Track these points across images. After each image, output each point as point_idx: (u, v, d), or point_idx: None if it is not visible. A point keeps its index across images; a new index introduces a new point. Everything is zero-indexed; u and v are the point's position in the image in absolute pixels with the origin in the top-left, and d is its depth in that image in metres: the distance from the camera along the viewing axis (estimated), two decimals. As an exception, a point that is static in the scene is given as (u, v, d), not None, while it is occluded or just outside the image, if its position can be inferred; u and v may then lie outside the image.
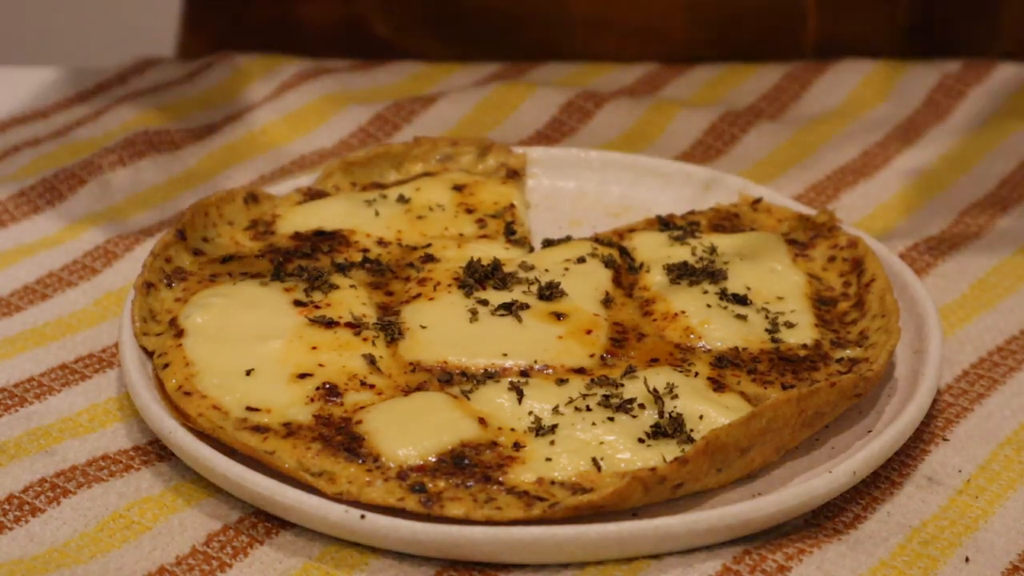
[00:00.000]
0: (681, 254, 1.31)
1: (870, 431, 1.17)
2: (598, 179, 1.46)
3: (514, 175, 1.43)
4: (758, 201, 1.39)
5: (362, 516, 1.07)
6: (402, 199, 1.37)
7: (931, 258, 1.41)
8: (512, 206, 1.38)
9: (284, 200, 1.37)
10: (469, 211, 1.37)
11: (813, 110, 1.67)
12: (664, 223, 1.37)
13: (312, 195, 1.39)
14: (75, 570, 1.06)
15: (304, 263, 1.28)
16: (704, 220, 1.37)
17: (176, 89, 1.66)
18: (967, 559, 1.10)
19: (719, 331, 1.23)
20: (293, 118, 1.61)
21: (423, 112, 1.62)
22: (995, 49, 1.75)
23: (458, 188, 1.39)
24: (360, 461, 1.10)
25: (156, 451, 1.17)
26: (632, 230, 1.37)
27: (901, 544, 1.10)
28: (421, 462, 1.10)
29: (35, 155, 1.53)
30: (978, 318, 1.33)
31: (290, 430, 1.12)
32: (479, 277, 1.26)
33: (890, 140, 1.61)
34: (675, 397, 1.15)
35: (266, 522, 1.11)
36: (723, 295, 1.26)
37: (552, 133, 1.60)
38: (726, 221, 1.37)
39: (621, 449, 1.11)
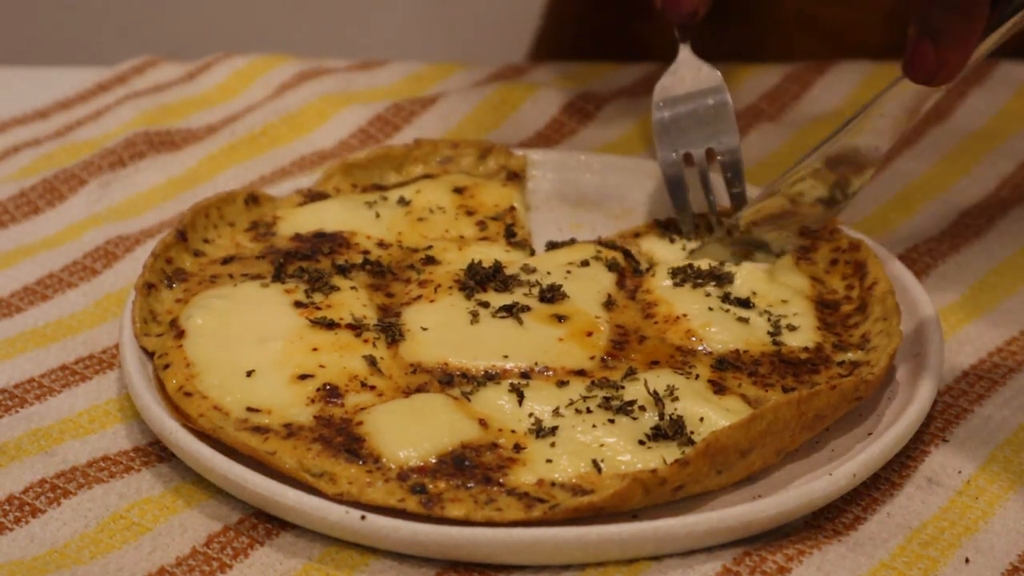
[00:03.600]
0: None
1: (870, 433, 1.17)
2: (599, 181, 1.46)
3: (515, 177, 1.43)
4: None
5: (362, 517, 1.07)
6: (403, 201, 1.37)
7: (931, 259, 1.41)
8: (512, 208, 1.38)
9: (285, 201, 1.38)
10: (469, 213, 1.37)
11: (813, 110, 1.67)
12: (664, 226, 1.37)
13: (312, 196, 1.39)
14: (75, 571, 1.06)
15: (305, 264, 1.28)
16: (704, 223, 1.37)
17: (176, 89, 1.66)
18: (967, 560, 1.10)
19: (720, 334, 1.23)
20: (293, 118, 1.61)
21: (423, 113, 1.62)
22: None
23: (458, 190, 1.39)
24: (361, 462, 1.10)
25: (156, 452, 1.17)
26: (637, 234, 1.37)
27: (901, 545, 1.10)
28: (422, 463, 1.10)
29: (35, 155, 1.53)
30: (978, 319, 1.33)
31: (291, 431, 1.12)
32: (480, 279, 1.26)
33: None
34: (675, 399, 1.15)
35: (266, 523, 1.11)
36: (726, 298, 1.26)
37: (552, 134, 1.60)
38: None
39: (621, 451, 1.11)
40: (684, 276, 1.28)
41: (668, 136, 1.36)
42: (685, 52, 1.37)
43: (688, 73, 1.37)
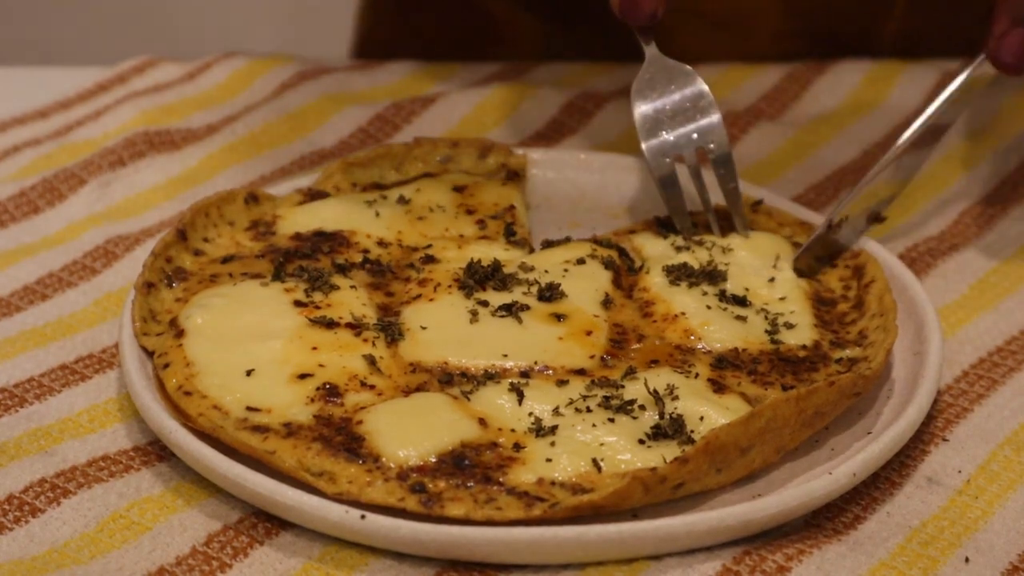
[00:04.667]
0: (688, 256, 1.31)
1: (870, 432, 1.17)
2: (598, 180, 1.46)
3: (514, 176, 1.43)
4: (759, 203, 1.39)
5: (362, 516, 1.07)
6: (402, 200, 1.37)
7: (931, 258, 1.41)
8: (512, 207, 1.38)
9: (284, 200, 1.37)
10: (469, 212, 1.37)
11: (813, 110, 1.67)
12: (662, 224, 1.37)
13: (312, 195, 1.38)
14: (75, 570, 1.06)
15: (304, 263, 1.28)
16: (715, 216, 1.37)
17: (176, 89, 1.66)
18: (967, 559, 1.10)
19: (719, 332, 1.23)
20: (293, 118, 1.61)
21: (423, 112, 1.62)
22: None
23: (458, 189, 1.39)
24: (360, 461, 1.10)
25: (156, 451, 1.17)
26: (632, 231, 1.37)
27: (901, 544, 1.10)
28: (421, 463, 1.10)
29: (35, 155, 1.53)
30: (978, 318, 1.33)
31: (290, 430, 1.12)
32: (479, 278, 1.26)
33: (890, 140, 1.61)
34: (675, 398, 1.15)
35: (266, 522, 1.11)
36: (723, 296, 1.26)
37: (552, 133, 1.60)
38: (724, 222, 1.36)
39: (621, 450, 1.11)
40: (679, 274, 1.28)
41: (654, 138, 1.36)
42: (652, 52, 1.37)
43: (661, 72, 1.37)
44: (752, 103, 1.67)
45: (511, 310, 1.22)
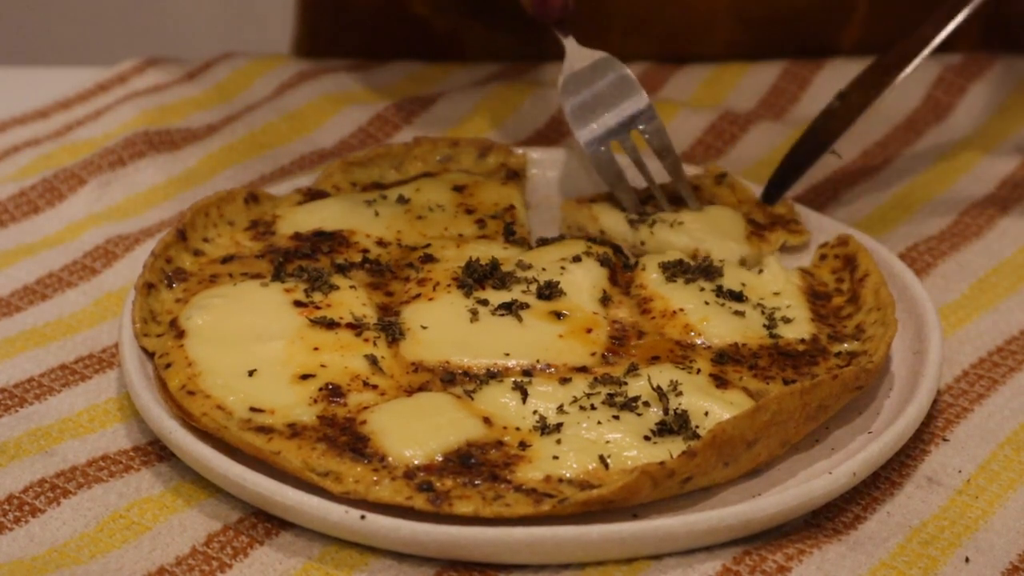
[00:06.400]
0: (641, 233, 1.34)
1: (870, 431, 1.17)
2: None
3: (514, 176, 1.43)
4: (723, 176, 1.40)
5: (362, 516, 1.07)
6: (402, 199, 1.37)
7: (931, 258, 1.41)
8: (512, 207, 1.38)
9: (284, 200, 1.37)
10: (469, 211, 1.37)
11: (813, 110, 1.67)
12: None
13: (312, 195, 1.38)
14: (75, 570, 1.06)
15: (304, 263, 1.28)
16: (662, 192, 1.39)
17: (176, 89, 1.66)
18: (967, 559, 1.10)
19: (718, 327, 1.23)
20: (293, 118, 1.61)
21: (423, 112, 1.62)
22: None
23: (458, 188, 1.39)
24: (366, 461, 1.10)
25: (156, 451, 1.17)
26: (593, 201, 1.39)
27: (901, 544, 1.10)
28: (428, 461, 1.10)
29: (35, 155, 1.53)
30: (978, 318, 1.33)
31: (295, 431, 1.12)
32: (478, 277, 1.26)
33: (890, 139, 1.61)
34: (679, 394, 1.15)
35: (266, 522, 1.11)
36: (719, 292, 1.26)
37: (552, 133, 1.60)
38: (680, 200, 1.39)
39: (627, 447, 1.11)
40: (675, 271, 1.28)
41: (585, 123, 1.38)
42: (571, 44, 1.40)
43: (581, 62, 1.39)
44: (752, 102, 1.67)
45: (511, 309, 1.22)
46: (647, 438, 1.12)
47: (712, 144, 1.59)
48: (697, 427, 1.13)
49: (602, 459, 1.11)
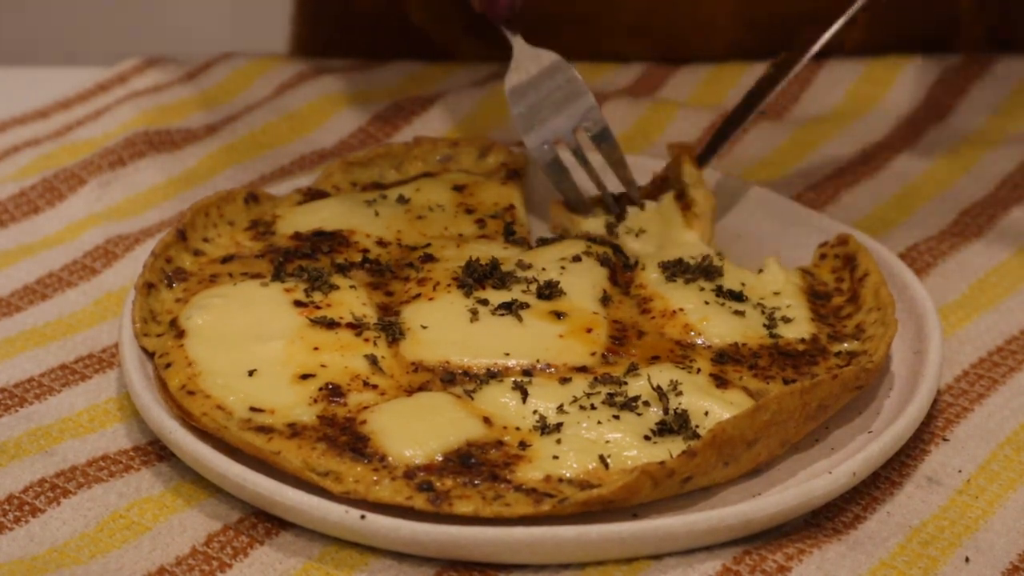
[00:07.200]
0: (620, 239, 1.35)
1: (870, 431, 1.17)
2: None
3: (514, 175, 1.43)
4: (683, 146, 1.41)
5: (362, 516, 1.07)
6: (402, 199, 1.37)
7: (931, 258, 1.41)
8: (512, 207, 1.38)
9: (284, 200, 1.37)
10: (469, 211, 1.37)
11: (813, 109, 1.67)
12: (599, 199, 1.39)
13: (312, 195, 1.38)
14: (75, 570, 1.06)
15: (304, 263, 1.28)
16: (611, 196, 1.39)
17: (176, 89, 1.66)
18: (967, 559, 1.10)
19: (718, 327, 1.23)
20: (293, 118, 1.61)
21: (423, 112, 1.62)
22: None
23: (458, 188, 1.39)
24: (366, 461, 1.10)
25: (156, 451, 1.17)
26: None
27: (901, 544, 1.10)
28: (428, 461, 1.10)
29: (35, 155, 1.53)
30: (978, 318, 1.33)
31: (295, 431, 1.12)
32: (478, 277, 1.26)
33: (890, 139, 1.61)
34: (679, 394, 1.15)
35: (266, 522, 1.11)
36: (719, 292, 1.26)
37: (552, 133, 1.60)
38: (659, 191, 1.39)
39: (627, 447, 1.11)
40: (675, 270, 1.28)
41: (532, 125, 1.38)
42: (519, 43, 1.40)
43: (529, 62, 1.39)
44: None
45: (511, 308, 1.22)
46: (647, 438, 1.12)
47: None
48: (697, 427, 1.13)
49: (602, 459, 1.11)
